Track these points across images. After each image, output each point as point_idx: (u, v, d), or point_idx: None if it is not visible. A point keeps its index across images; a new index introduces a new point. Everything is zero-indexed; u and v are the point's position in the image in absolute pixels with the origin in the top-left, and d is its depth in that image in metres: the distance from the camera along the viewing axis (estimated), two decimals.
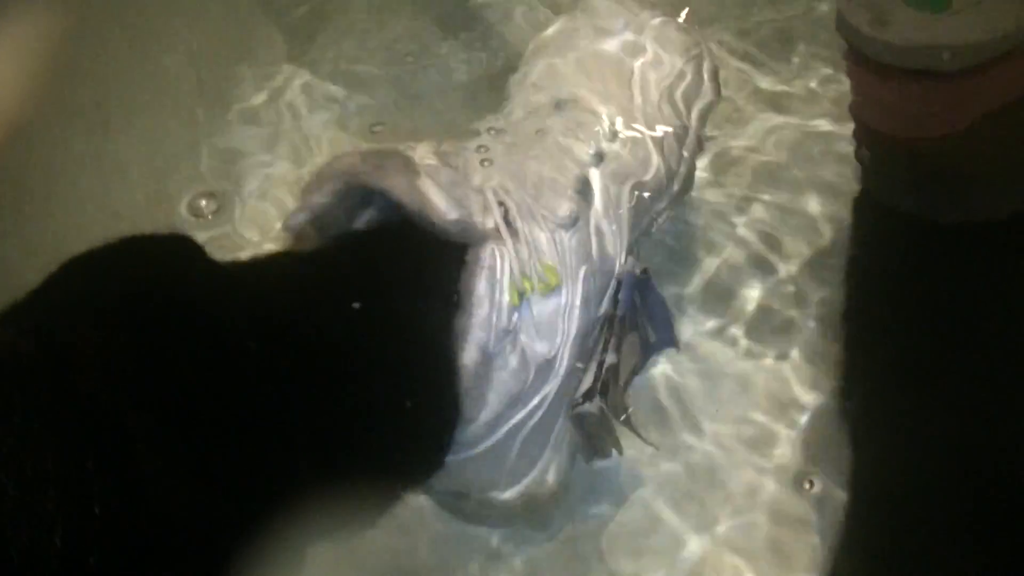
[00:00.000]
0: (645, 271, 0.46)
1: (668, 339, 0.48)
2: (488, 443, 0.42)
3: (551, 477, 0.45)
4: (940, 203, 0.49)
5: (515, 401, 0.42)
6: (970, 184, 0.48)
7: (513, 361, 0.41)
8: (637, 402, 0.49)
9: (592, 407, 0.43)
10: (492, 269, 0.40)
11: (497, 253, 0.40)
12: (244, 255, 0.51)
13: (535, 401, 0.42)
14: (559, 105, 0.48)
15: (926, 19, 0.43)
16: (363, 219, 0.43)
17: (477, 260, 0.40)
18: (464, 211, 0.40)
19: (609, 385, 0.44)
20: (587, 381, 0.44)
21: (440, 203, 0.39)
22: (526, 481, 0.44)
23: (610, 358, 0.44)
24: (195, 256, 0.37)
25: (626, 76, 0.50)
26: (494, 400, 0.41)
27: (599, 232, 0.45)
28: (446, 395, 0.40)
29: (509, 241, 0.41)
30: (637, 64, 0.50)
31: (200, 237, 0.41)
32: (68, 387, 0.27)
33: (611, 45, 0.51)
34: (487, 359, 0.40)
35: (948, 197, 0.49)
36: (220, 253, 0.38)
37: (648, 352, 0.48)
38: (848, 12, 0.45)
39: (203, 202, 0.62)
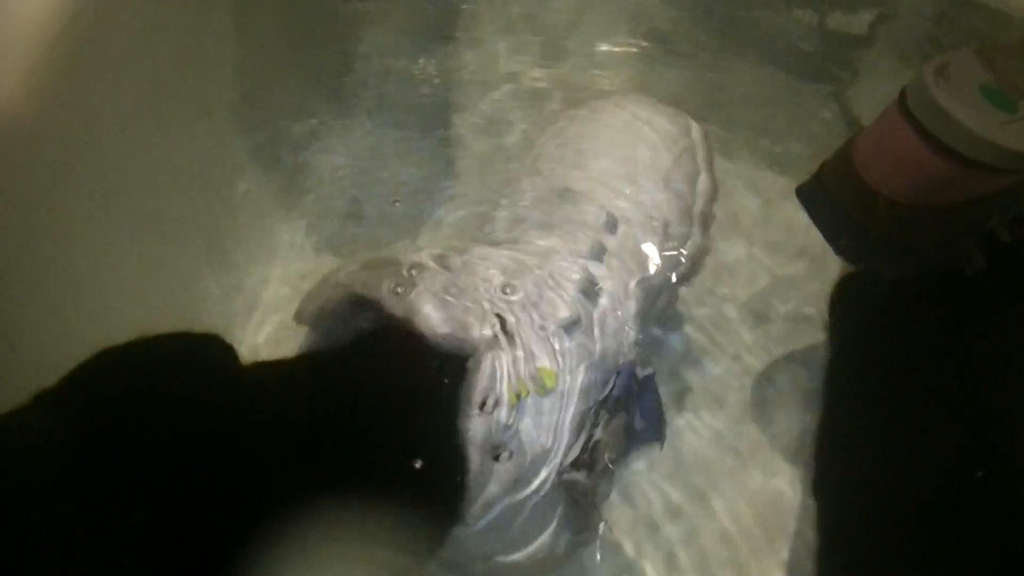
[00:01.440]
0: (648, 368, 0.47)
1: (654, 435, 0.50)
2: (488, 519, 0.45)
3: (560, 546, 0.47)
4: (901, 260, 0.50)
5: (514, 486, 0.43)
6: (927, 243, 0.49)
7: (512, 454, 0.43)
8: None
9: (579, 476, 0.45)
10: (492, 376, 0.41)
11: (495, 361, 0.41)
12: None
13: (534, 485, 0.44)
14: (562, 195, 0.49)
15: (998, 119, 0.42)
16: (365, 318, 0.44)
17: (477, 367, 0.41)
18: (456, 324, 0.41)
19: (596, 460, 0.45)
20: (575, 452, 0.45)
21: (432, 317, 0.40)
22: (532, 547, 0.46)
23: (598, 434, 0.45)
24: (225, 357, 0.39)
25: (628, 166, 0.50)
26: (494, 488, 0.43)
27: (603, 328, 0.45)
28: (449, 490, 0.42)
29: (507, 348, 0.42)
30: (638, 153, 0.50)
31: None
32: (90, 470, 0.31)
33: (613, 137, 0.51)
34: (487, 456, 0.42)
35: (910, 255, 0.50)
36: None
37: (631, 442, 0.49)
38: (932, 87, 0.43)
39: None
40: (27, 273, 0.47)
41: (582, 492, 0.45)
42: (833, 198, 0.49)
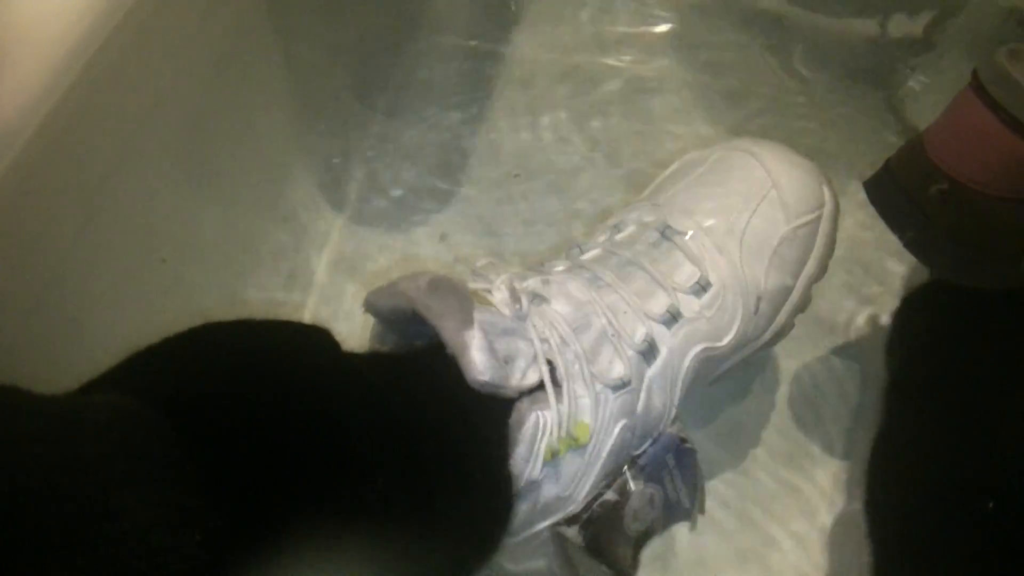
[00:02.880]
0: (686, 440, 0.46)
1: (687, 512, 0.49)
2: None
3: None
4: (968, 259, 0.49)
5: (524, 525, 0.45)
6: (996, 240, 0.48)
7: (531, 498, 0.43)
8: None
9: (570, 532, 0.45)
10: (533, 432, 0.41)
11: (540, 418, 0.41)
12: None
13: (539, 527, 0.45)
14: (663, 234, 0.47)
15: None
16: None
17: (520, 423, 0.41)
18: (500, 372, 0.40)
19: (594, 519, 0.45)
20: (577, 508, 0.45)
21: (477, 362, 0.40)
22: (531, 564, 0.47)
23: (609, 495, 0.45)
24: (330, 349, 0.41)
25: (740, 225, 0.47)
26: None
27: (649, 391, 0.45)
28: (486, 516, 0.43)
29: (553, 402, 0.42)
30: (756, 213, 0.47)
31: None
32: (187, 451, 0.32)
33: (735, 189, 0.48)
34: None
35: (994, 263, 0.48)
36: None
37: (671, 517, 0.48)
38: (1006, 62, 0.43)
39: None
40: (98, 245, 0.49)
41: (574, 550, 0.45)
42: (903, 187, 0.48)
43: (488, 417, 0.42)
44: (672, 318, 0.45)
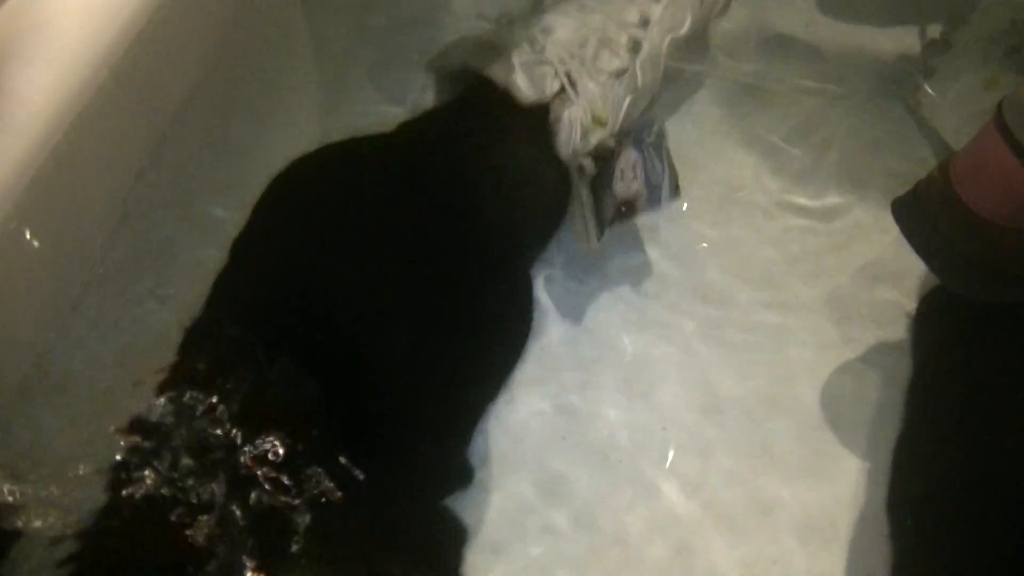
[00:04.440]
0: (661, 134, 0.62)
1: (663, 195, 0.63)
2: None
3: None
4: (997, 286, 0.51)
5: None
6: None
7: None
8: None
9: (587, 163, 0.61)
10: (569, 120, 0.59)
11: (569, 112, 0.60)
12: None
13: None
14: None
15: None
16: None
17: (558, 117, 0.60)
18: (538, 90, 0.60)
19: (600, 157, 0.62)
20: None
21: (522, 86, 0.59)
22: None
23: (610, 141, 0.62)
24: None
25: None
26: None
27: (643, 70, 0.63)
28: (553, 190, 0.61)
29: (575, 99, 0.60)
30: None
31: None
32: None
33: None
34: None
35: (1008, 283, 0.51)
36: None
37: (651, 197, 0.63)
38: None
39: None
40: None
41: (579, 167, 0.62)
42: (928, 214, 0.49)
43: (536, 122, 0.60)
44: (645, 22, 0.64)
